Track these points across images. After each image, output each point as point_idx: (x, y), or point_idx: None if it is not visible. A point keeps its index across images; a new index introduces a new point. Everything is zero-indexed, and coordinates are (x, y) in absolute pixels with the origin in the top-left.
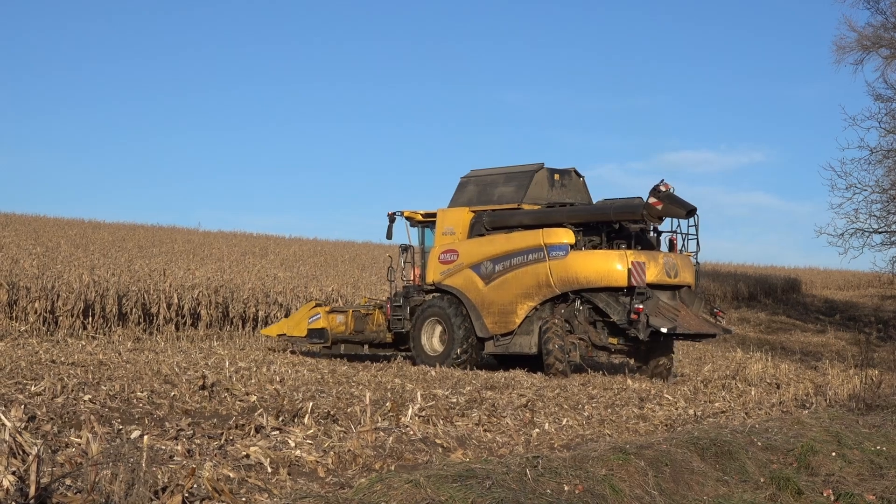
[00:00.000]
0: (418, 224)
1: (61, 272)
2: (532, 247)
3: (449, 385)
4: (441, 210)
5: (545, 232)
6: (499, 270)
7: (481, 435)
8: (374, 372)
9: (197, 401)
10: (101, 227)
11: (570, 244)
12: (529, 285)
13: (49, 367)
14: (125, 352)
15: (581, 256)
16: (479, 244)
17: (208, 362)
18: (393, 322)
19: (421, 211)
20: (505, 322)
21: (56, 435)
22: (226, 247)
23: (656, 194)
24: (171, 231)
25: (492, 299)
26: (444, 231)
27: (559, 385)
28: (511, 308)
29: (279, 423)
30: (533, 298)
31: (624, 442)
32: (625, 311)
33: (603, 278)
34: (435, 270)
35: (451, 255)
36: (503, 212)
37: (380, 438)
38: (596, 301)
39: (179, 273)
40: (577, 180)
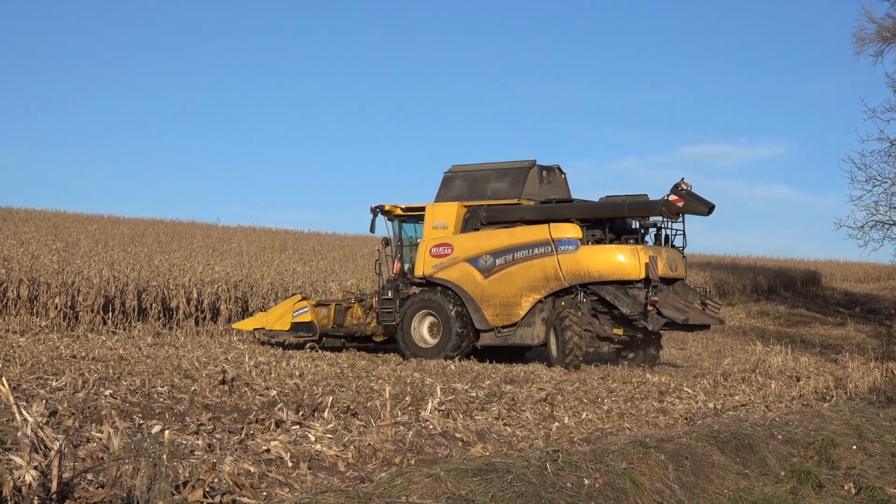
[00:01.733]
0: (396, 218)
1: (81, 267)
2: (538, 241)
3: (468, 379)
4: (431, 204)
5: (553, 227)
6: (500, 264)
7: (501, 429)
8: (393, 366)
9: (217, 395)
10: (120, 223)
11: (578, 239)
12: (536, 278)
13: (70, 362)
14: (145, 347)
15: (593, 251)
16: (476, 238)
17: (228, 357)
18: (382, 315)
19: (401, 205)
20: (507, 314)
21: (77, 430)
22: (245, 241)
23: (677, 192)
24: (190, 226)
25: (493, 292)
26: (436, 225)
27: (579, 379)
28: (515, 300)
29: (299, 417)
30: (539, 291)
31: (644, 435)
32: (635, 303)
33: (616, 272)
34: (426, 264)
35: (445, 248)
36: (502, 207)
37: (399, 433)
38: (603, 293)
39: (199, 268)
40: (560, 177)
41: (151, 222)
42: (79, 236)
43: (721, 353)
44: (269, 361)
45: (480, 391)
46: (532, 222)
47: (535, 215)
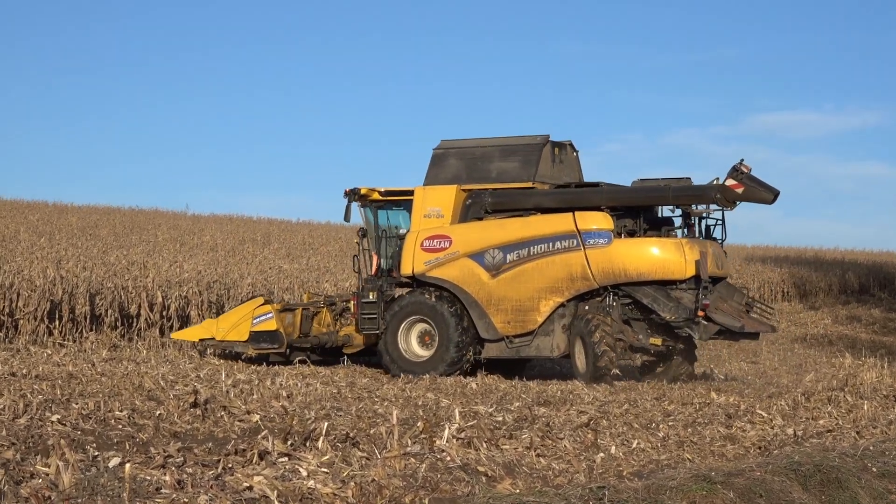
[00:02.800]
0: (371, 203)
1: (21, 266)
2: (561, 233)
3: (493, 400)
4: (420, 188)
5: (579, 216)
6: (512, 260)
7: (533, 461)
8: (401, 385)
9: (188, 421)
10: (68, 211)
11: (610, 231)
12: (558, 278)
13: (8, 381)
14: (100, 362)
15: (629, 245)
16: (481, 229)
17: (200, 374)
18: (363, 322)
19: (380, 188)
20: (522, 321)
21: (19, 463)
22: (220, 234)
23: (737, 176)
24: (153, 215)
25: (502, 294)
26: (427, 213)
27: (628, 399)
28: (531, 305)
29: (288, 447)
30: (562, 293)
31: (708, 468)
32: (679, 307)
33: (658, 270)
34: (417, 260)
35: (441, 241)
36: (513, 191)
37: (410, 466)
38: (639, 296)
39: (164, 266)
40: (572, 155)
41: (106, 210)
42: (17, 228)
43: (802, 367)
44: (250, 380)
45: (508, 415)
46: (551, 210)
47: (556, 202)
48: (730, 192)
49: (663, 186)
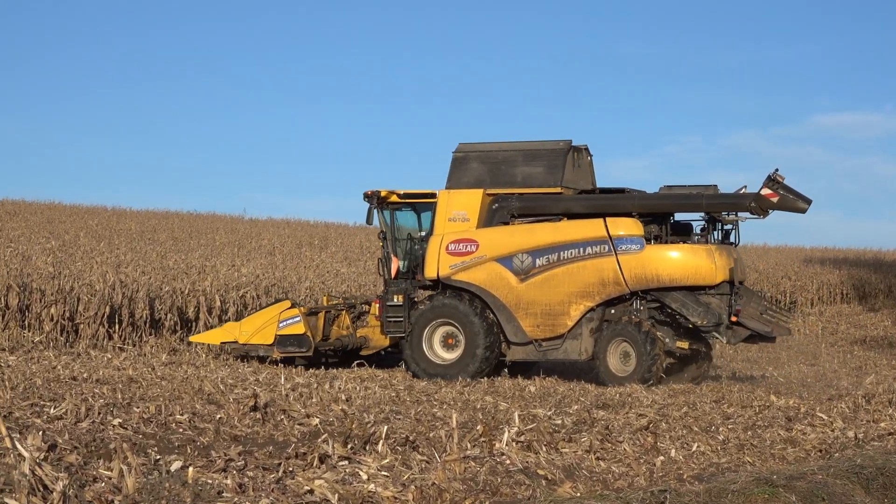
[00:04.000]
0: (389, 206)
1: (81, 271)
2: (592, 239)
3: (551, 403)
4: (445, 191)
5: (611, 222)
6: (542, 265)
7: (593, 464)
8: (459, 389)
9: (248, 425)
10: (127, 216)
11: (642, 237)
12: (589, 283)
13: (70, 385)
14: (159, 366)
15: (661, 251)
16: (509, 233)
17: (259, 378)
18: (388, 325)
19: (398, 191)
20: (552, 325)
21: (82, 467)
22: (277, 237)
23: (772, 185)
24: (211, 219)
25: (532, 298)
26: (453, 217)
27: (687, 402)
28: (561, 309)
29: (348, 451)
30: (593, 298)
31: (769, 471)
32: (708, 312)
33: (690, 276)
34: (442, 263)
35: (468, 245)
36: (542, 196)
37: (470, 469)
38: (668, 301)
39: (223, 270)
40: (587, 160)
41: (164, 215)
42: (77, 233)
43: (862, 369)
44: (308, 383)
45: (567, 418)
46: (580, 215)
47: (587, 207)
48: (764, 201)
49: (697, 194)
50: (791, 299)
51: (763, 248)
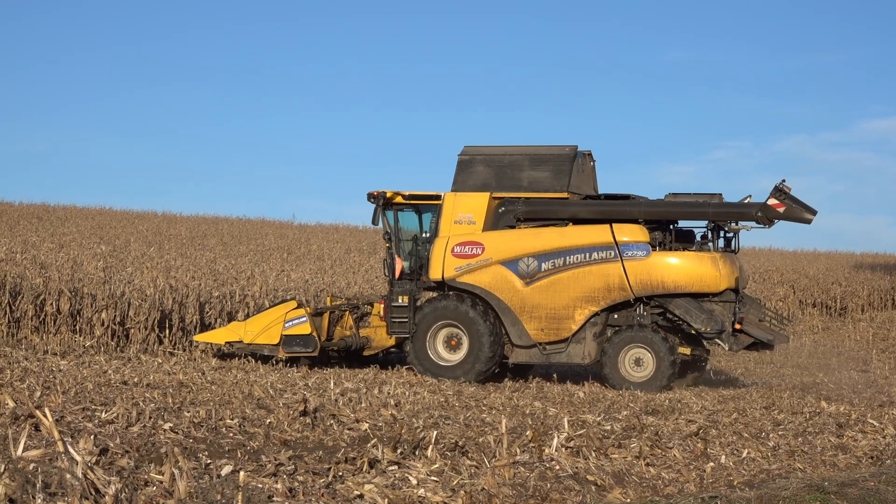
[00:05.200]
0: (393, 207)
1: (132, 276)
2: (598, 244)
3: (600, 409)
4: (451, 194)
5: (617, 228)
6: (547, 269)
7: (643, 470)
8: (508, 394)
9: (297, 429)
10: (177, 221)
11: (648, 243)
12: (594, 288)
13: (120, 389)
14: (209, 371)
15: (667, 258)
16: (515, 237)
17: (308, 382)
18: (393, 325)
19: (404, 192)
20: (556, 329)
21: (133, 471)
22: (326, 242)
23: (779, 196)
24: (260, 224)
25: (537, 302)
26: (458, 219)
27: (736, 409)
28: (566, 313)
29: (397, 456)
30: (597, 303)
31: (820, 478)
32: (711, 319)
33: (694, 283)
34: (447, 265)
35: (473, 248)
36: (548, 201)
37: (520, 475)
38: (672, 307)
39: (272, 275)
40: (590, 165)
41: (214, 220)
42: (128, 238)
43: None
44: (357, 388)
45: (616, 424)
46: (587, 221)
47: (593, 213)
48: (771, 211)
49: (703, 203)
50: (842, 305)
51: (813, 253)
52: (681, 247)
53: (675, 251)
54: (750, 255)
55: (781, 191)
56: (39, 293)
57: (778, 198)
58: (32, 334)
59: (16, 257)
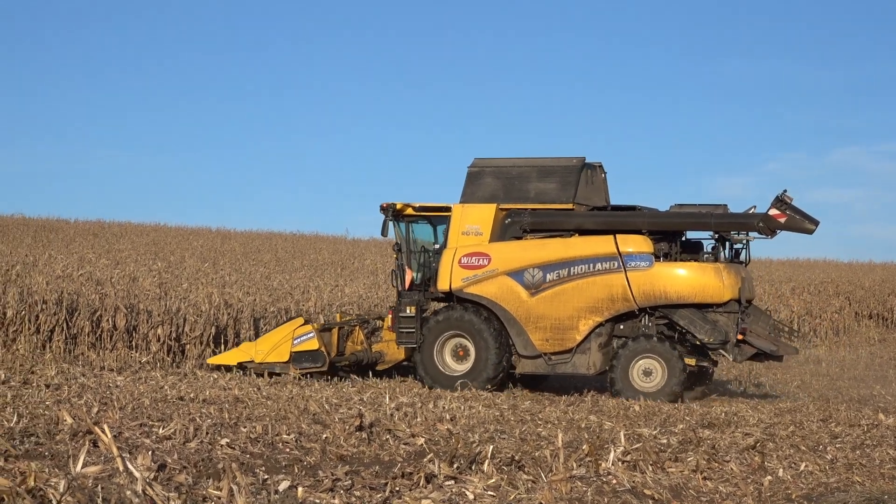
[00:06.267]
0: (405, 219)
1: (187, 291)
2: (602, 255)
3: (656, 423)
4: (459, 205)
5: (621, 239)
6: (552, 280)
7: (700, 484)
8: (563, 408)
9: (354, 444)
10: (231, 237)
11: (651, 254)
12: (598, 298)
13: (177, 405)
14: (265, 386)
15: (670, 269)
16: (521, 248)
17: (364, 397)
18: (401, 336)
19: (414, 203)
20: (561, 339)
21: (192, 487)
22: (380, 257)
23: (780, 206)
24: (314, 240)
25: (542, 312)
26: (466, 230)
27: (793, 421)
28: (570, 323)
29: (454, 470)
30: (601, 313)
31: (880, 491)
32: (715, 330)
33: (697, 294)
34: (455, 276)
35: (480, 258)
36: (554, 212)
37: (577, 489)
38: (676, 318)
39: (326, 290)
40: (601, 177)
41: (268, 236)
42: (183, 254)
43: None
44: (412, 402)
45: (672, 437)
46: (592, 232)
47: (597, 224)
48: (772, 222)
49: (706, 213)
50: None
51: (869, 264)
52: (689, 258)
53: (680, 262)
54: (803, 267)
55: (783, 201)
56: (96, 310)
57: (779, 208)
58: (89, 350)
59: (72, 274)
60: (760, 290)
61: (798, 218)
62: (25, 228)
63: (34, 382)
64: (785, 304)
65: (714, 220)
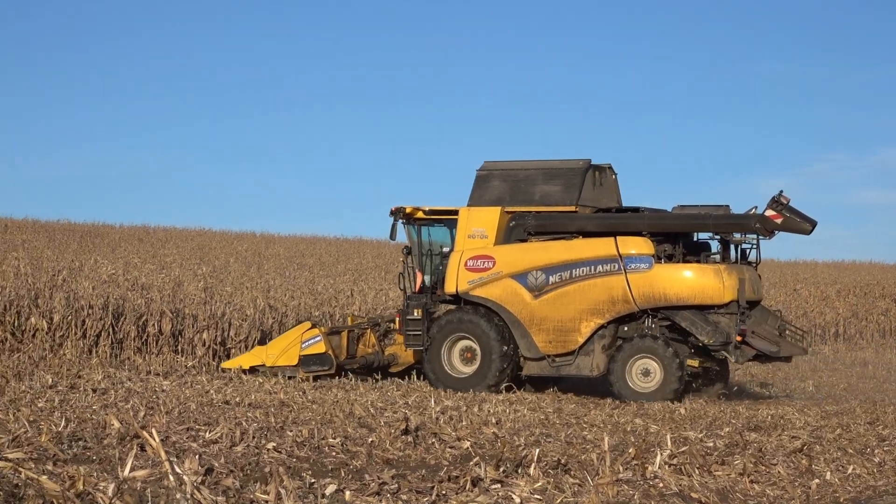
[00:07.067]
0: (416, 222)
1: (232, 296)
2: (603, 257)
3: (702, 426)
4: (465, 208)
5: (621, 241)
6: (554, 282)
7: (747, 487)
8: (608, 411)
9: (399, 448)
10: (275, 241)
11: (651, 256)
12: (599, 300)
13: (223, 409)
14: (310, 390)
15: (669, 270)
16: (524, 251)
17: (409, 401)
18: (408, 338)
19: (424, 207)
20: (563, 341)
21: (239, 491)
22: None
23: (776, 207)
24: (358, 244)
25: (545, 314)
26: (472, 233)
27: (840, 424)
28: (572, 325)
29: (500, 474)
30: (603, 315)
31: None
32: (717, 331)
33: (697, 295)
34: (461, 279)
35: (485, 261)
36: (556, 215)
37: (623, 493)
38: (677, 319)
39: (370, 294)
40: (611, 178)
41: (312, 240)
42: (228, 258)
43: None
44: (457, 406)
45: (718, 440)
46: (593, 234)
47: (599, 226)
48: (769, 223)
49: (704, 214)
50: None
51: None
52: (695, 259)
53: (680, 263)
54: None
55: (779, 202)
56: (142, 314)
57: (775, 209)
58: (135, 355)
59: (118, 279)
60: (805, 292)
61: (794, 219)
62: (71, 234)
63: (81, 387)
64: (830, 306)
65: (712, 221)
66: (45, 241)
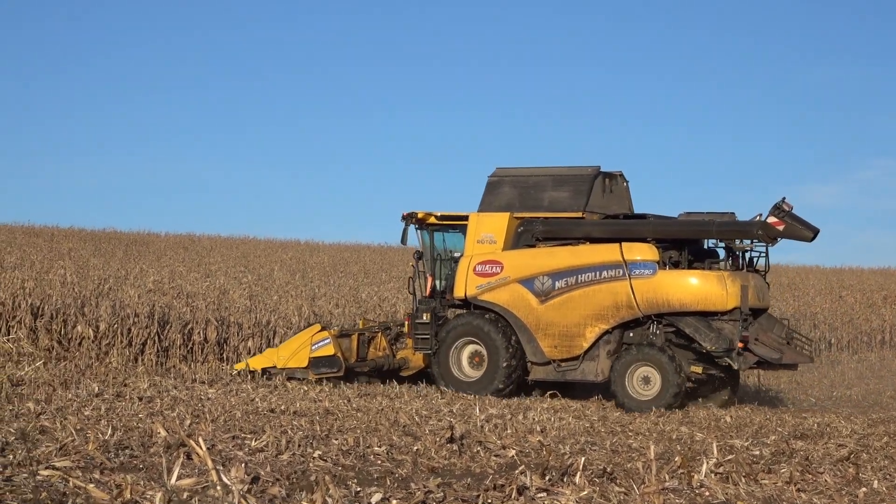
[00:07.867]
0: (428, 227)
1: (276, 304)
2: (607, 263)
3: (748, 434)
4: (475, 214)
5: (626, 247)
6: (560, 287)
7: (794, 496)
8: (654, 419)
9: (445, 456)
10: (319, 249)
11: (655, 262)
12: (604, 306)
13: (268, 417)
14: (355, 398)
15: (672, 276)
16: (532, 256)
17: (454, 409)
18: (417, 341)
19: (436, 212)
20: (568, 346)
21: (285, 499)
22: None
23: (778, 214)
24: (402, 251)
25: (550, 319)
26: (481, 239)
27: (887, 432)
28: (577, 330)
29: (545, 482)
30: (607, 321)
31: None
32: (720, 337)
33: (700, 301)
34: (469, 283)
35: (493, 266)
36: (563, 221)
37: (669, 501)
38: (681, 325)
39: None
40: (622, 186)
41: (356, 248)
42: (272, 267)
43: None
44: (502, 414)
45: (765, 449)
46: (599, 240)
47: (604, 232)
48: (771, 230)
49: (707, 221)
50: None
51: None
52: (700, 266)
53: (684, 270)
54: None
55: (781, 209)
56: (187, 322)
57: (777, 216)
58: (181, 363)
59: (163, 287)
60: (851, 298)
61: (796, 226)
62: (117, 242)
63: (127, 395)
64: (876, 312)
65: (716, 228)
66: (91, 249)
